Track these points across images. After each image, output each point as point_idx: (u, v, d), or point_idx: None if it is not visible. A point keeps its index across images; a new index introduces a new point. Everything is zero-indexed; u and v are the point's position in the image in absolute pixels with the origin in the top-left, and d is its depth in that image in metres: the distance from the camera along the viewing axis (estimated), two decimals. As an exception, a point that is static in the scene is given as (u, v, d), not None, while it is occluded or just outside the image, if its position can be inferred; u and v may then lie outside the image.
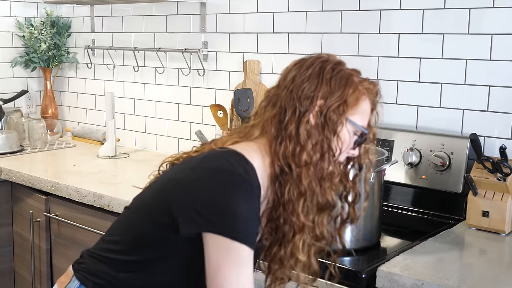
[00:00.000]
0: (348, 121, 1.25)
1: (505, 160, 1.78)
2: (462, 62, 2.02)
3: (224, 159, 1.20)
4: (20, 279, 2.67)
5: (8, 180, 2.62)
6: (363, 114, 1.28)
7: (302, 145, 1.22)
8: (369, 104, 1.29)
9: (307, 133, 1.23)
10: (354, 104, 1.26)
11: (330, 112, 1.23)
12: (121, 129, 3.15)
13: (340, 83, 1.25)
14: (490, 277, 1.50)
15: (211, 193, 1.16)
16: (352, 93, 1.25)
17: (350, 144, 1.28)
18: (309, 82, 1.25)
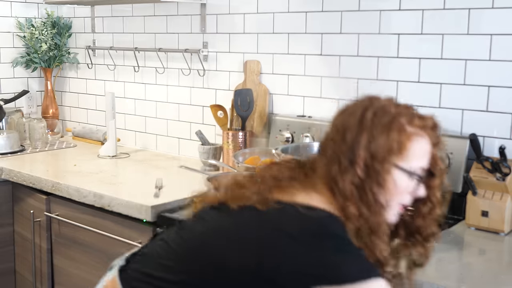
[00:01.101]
0: (397, 168, 1.19)
1: (504, 160, 1.78)
2: (462, 62, 2.02)
3: (319, 222, 1.16)
4: (21, 279, 2.67)
5: (9, 180, 2.63)
6: (418, 155, 1.21)
7: (350, 199, 1.18)
8: (425, 142, 1.22)
9: (354, 187, 1.18)
10: (403, 149, 1.19)
11: (374, 164, 1.17)
12: (122, 129, 3.15)
13: (382, 130, 1.18)
14: (489, 277, 1.51)
15: (322, 257, 1.12)
16: (398, 138, 1.18)
17: (409, 188, 1.22)
18: (351, 133, 1.20)
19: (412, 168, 1.21)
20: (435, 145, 1.24)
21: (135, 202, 2.10)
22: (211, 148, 2.62)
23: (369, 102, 1.23)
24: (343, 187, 1.18)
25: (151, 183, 2.31)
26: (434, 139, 1.24)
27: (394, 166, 1.19)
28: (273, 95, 2.56)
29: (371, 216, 1.18)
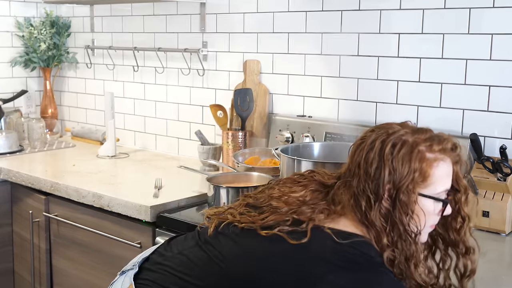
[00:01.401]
0: (423, 196, 1.21)
1: (505, 160, 1.78)
2: (462, 62, 2.01)
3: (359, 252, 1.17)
4: (19, 279, 2.67)
5: (8, 180, 2.62)
6: (441, 179, 1.22)
7: (380, 231, 1.19)
8: (447, 164, 1.23)
9: (383, 218, 1.19)
10: (426, 177, 1.20)
11: (400, 195, 1.18)
12: (121, 129, 3.14)
13: (403, 162, 1.19)
14: (490, 278, 1.50)
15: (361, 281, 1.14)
16: (420, 166, 1.19)
17: (436, 210, 1.24)
18: (373, 167, 1.21)
19: (437, 193, 1.22)
20: (455, 164, 1.26)
21: (134, 202, 2.09)
22: (210, 148, 2.61)
23: (386, 134, 1.23)
24: (374, 220, 1.19)
25: (151, 183, 2.30)
26: (454, 158, 1.25)
27: (420, 195, 1.20)
28: (273, 95, 2.55)
29: (405, 245, 1.19)
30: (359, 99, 2.28)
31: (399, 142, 1.21)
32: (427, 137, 1.23)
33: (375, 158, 1.21)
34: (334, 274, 1.14)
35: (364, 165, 1.22)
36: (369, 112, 2.25)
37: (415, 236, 1.21)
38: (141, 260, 1.40)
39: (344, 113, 2.32)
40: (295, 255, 1.19)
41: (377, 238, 1.20)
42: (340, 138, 2.19)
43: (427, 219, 1.23)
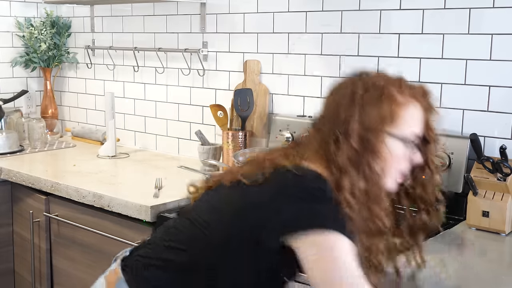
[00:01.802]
0: (390, 136, 1.22)
1: (505, 160, 1.78)
2: (462, 62, 2.02)
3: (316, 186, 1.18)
4: (20, 279, 2.67)
5: (8, 180, 2.62)
6: (410, 122, 1.24)
7: (344, 171, 1.20)
8: (417, 109, 1.25)
9: (348, 160, 1.20)
10: (395, 117, 1.22)
11: (368, 135, 1.20)
12: (121, 129, 3.14)
13: (372, 102, 1.22)
14: (490, 278, 1.50)
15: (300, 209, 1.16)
16: (389, 107, 1.22)
17: (405, 155, 1.25)
18: (344, 108, 1.23)
19: (406, 135, 1.24)
20: (427, 111, 1.27)
21: (135, 202, 2.09)
22: (211, 148, 2.61)
23: (359, 79, 1.26)
24: (340, 161, 1.20)
25: (151, 183, 2.30)
26: (425, 105, 1.27)
27: (388, 134, 1.22)
28: (273, 95, 2.55)
29: (368, 187, 1.20)
30: (359, 99, 2.28)
31: (371, 85, 1.24)
32: (398, 82, 1.26)
33: (346, 100, 1.24)
34: (290, 205, 1.16)
35: (335, 108, 1.25)
36: (369, 112, 2.24)
37: (380, 178, 1.21)
38: (134, 247, 1.42)
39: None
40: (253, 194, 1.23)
41: (340, 179, 1.20)
42: (340, 138, 2.19)
43: (395, 162, 1.23)
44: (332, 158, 1.22)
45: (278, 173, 1.22)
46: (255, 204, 1.21)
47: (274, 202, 1.19)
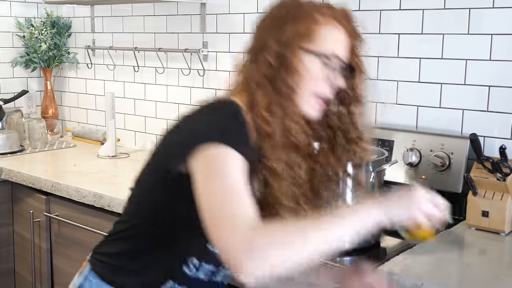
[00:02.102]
0: (306, 52, 1.22)
1: (505, 160, 1.78)
2: (462, 62, 2.02)
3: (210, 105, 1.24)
4: (20, 279, 2.67)
5: (9, 180, 2.62)
6: (329, 40, 1.23)
7: (262, 87, 1.22)
8: (337, 30, 1.25)
9: (265, 76, 1.22)
10: (311, 33, 1.22)
11: (284, 51, 1.22)
12: (121, 129, 3.15)
13: (288, 19, 1.23)
14: (490, 277, 1.50)
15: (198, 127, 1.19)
16: (305, 22, 1.23)
17: (322, 74, 1.23)
18: (264, 30, 1.27)
19: (324, 52, 1.22)
20: (351, 37, 1.26)
21: (135, 202, 2.09)
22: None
23: (281, 3, 1.28)
24: (256, 77, 1.23)
25: (151, 183, 2.30)
26: (349, 30, 1.27)
27: (303, 50, 1.21)
28: (273, 95, 2.55)
29: (284, 102, 1.21)
30: (359, 99, 2.28)
31: (292, 6, 1.26)
32: (320, 4, 1.27)
33: (267, 21, 1.27)
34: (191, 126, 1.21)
35: (258, 30, 1.28)
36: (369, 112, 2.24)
37: (295, 94, 1.21)
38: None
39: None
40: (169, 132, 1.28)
41: (256, 94, 1.22)
42: (340, 138, 2.19)
43: (311, 80, 1.22)
44: (251, 80, 1.25)
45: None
46: (169, 139, 1.27)
47: (180, 128, 1.23)
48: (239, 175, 1.10)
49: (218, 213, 1.06)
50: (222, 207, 1.06)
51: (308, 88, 1.23)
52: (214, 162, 1.11)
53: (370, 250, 1.72)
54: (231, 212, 1.05)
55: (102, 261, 1.39)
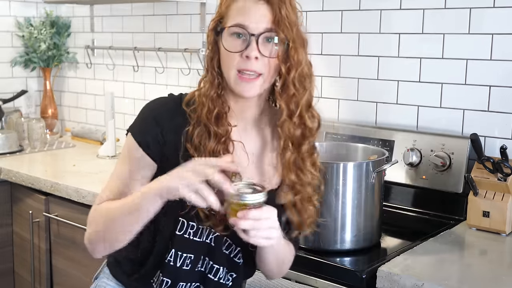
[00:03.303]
0: (220, 30, 1.27)
1: (505, 160, 1.77)
2: (463, 62, 2.01)
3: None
4: (19, 279, 2.66)
5: (8, 180, 2.62)
6: (233, 13, 1.25)
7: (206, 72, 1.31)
8: (243, 1, 1.25)
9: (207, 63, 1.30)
10: (227, 12, 1.27)
11: (210, 33, 1.30)
12: (121, 129, 3.14)
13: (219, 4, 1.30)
14: (490, 278, 1.50)
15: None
16: (222, 3, 1.28)
17: (238, 47, 1.24)
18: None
19: (229, 24, 1.25)
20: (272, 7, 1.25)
21: (135, 203, 2.09)
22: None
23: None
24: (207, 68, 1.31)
25: (151, 183, 2.30)
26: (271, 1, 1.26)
27: (215, 30, 1.28)
28: (273, 95, 2.55)
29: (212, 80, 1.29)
30: (359, 99, 2.28)
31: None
32: None
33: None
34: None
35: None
36: (369, 112, 2.24)
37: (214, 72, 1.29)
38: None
39: (344, 113, 2.32)
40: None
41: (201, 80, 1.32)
42: (340, 138, 2.19)
43: (227, 56, 1.25)
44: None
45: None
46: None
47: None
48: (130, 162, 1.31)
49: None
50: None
51: (229, 65, 1.25)
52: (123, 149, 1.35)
53: (371, 250, 1.72)
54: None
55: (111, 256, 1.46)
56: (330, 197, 1.68)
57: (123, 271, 1.41)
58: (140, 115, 1.33)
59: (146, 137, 1.29)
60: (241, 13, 1.24)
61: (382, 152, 1.82)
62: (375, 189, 1.73)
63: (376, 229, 1.76)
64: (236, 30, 1.24)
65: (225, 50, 1.25)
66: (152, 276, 1.34)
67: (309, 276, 1.61)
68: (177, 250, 1.31)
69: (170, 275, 1.32)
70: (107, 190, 1.34)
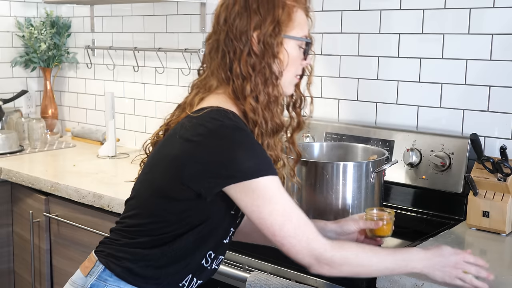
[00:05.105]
0: (287, 38, 1.32)
1: (505, 160, 1.77)
2: (463, 62, 2.01)
3: (210, 118, 1.25)
4: (19, 279, 2.67)
5: (8, 180, 2.62)
6: (301, 25, 1.35)
7: (246, 78, 1.29)
8: (303, 13, 1.36)
9: (250, 66, 1.29)
10: (289, 21, 1.32)
11: (267, 39, 1.29)
12: (121, 129, 3.14)
13: (268, 7, 1.30)
14: (490, 278, 1.50)
15: (215, 153, 1.23)
16: (283, 11, 1.31)
17: (300, 56, 1.36)
18: (240, 18, 1.30)
19: (300, 36, 1.35)
20: (308, 15, 1.38)
21: (135, 203, 2.09)
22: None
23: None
24: (240, 69, 1.29)
25: (151, 183, 2.30)
26: (306, 11, 1.38)
27: (286, 37, 1.32)
28: (273, 95, 2.55)
29: (269, 89, 1.30)
30: (359, 99, 2.28)
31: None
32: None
33: (241, 9, 1.31)
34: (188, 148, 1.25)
35: (231, 18, 1.31)
36: (369, 112, 2.25)
37: (277, 79, 1.32)
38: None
39: (344, 113, 2.32)
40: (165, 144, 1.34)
41: (243, 86, 1.29)
42: (340, 138, 2.19)
43: (290, 63, 1.34)
44: (231, 71, 1.30)
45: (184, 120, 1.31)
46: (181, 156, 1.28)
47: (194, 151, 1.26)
48: (285, 195, 1.27)
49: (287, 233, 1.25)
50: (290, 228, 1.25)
51: (291, 72, 1.35)
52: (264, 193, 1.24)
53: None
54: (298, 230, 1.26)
55: (122, 262, 1.35)
56: (330, 197, 1.68)
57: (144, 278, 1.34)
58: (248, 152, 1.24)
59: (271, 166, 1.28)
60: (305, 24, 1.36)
61: (382, 152, 1.83)
62: (375, 189, 1.73)
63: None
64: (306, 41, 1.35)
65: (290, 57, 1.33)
66: (182, 280, 1.35)
67: (309, 276, 1.61)
68: (219, 254, 1.38)
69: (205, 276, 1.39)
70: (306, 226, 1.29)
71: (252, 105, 1.29)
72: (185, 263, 1.33)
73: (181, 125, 1.30)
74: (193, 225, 1.29)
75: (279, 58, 1.31)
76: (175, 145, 1.29)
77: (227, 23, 1.31)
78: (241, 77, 1.29)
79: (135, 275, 1.32)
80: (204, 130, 1.24)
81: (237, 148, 1.22)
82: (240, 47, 1.29)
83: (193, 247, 1.32)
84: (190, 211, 1.28)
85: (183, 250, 1.31)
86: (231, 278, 1.74)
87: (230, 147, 1.22)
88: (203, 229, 1.30)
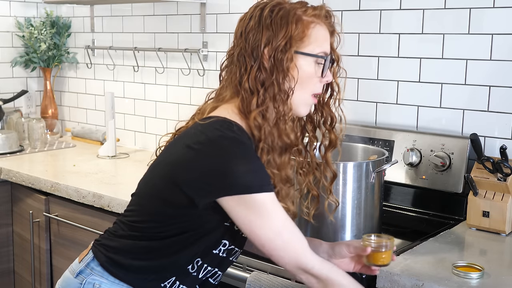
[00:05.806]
0: (300, 54, 1.28)
1: (505, 160, 1.77)
2: (463, 62, 2.01)
3: (213, 128, 1.25)
4: (20, 279, 2.67)
5: (8, 180, 2.62)
6: (319, 40, 1.31)
7: (254, 92, 1.28)
8: (323, 29, 1.33)
9: (259, 82, 1.28)
10: (303, 36, 1.29)
11: (277, 54, 1.27)
12: (121, 129, 3.14)
13: (281, 22, 1.28)
14: (490, 278, 1.50)
15: (212, 163, 1.22)
16: (296, 26, 1.28)
17: (318, 73, 1.32)
18: (253, 33, 1.30)
19: (315, 52, 1.31)
20: (331, 33, 1.36)
21: (135, 203, 2.09)
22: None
23: (263, 3, 1.32)
24: (249, 83, 1.28)
25: (151, 183, 2.30)
26: (329, 27, 1.35)
27: (297, 52, 1.29)
28: (273, 95, 2.55)
29: (278, 106, 1.28)
30: (359, 99, 2.28)
31: (277, 7, 1.30)
32: (303, 4, 1.34)
33: (255, 24, 1.30)
34: (189, 156, 1.25)
35: (245, 33, 1.31)
36: (369, 112, 2.25)
37: (287, 96, 1.29)
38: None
39: (344, 113, 2.32)
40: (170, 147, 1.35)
41: (247, 103, 1.28)
42: (340, 138, 2.19)
43: (305, 81, 1.30)
44: (241, 84, 1.29)
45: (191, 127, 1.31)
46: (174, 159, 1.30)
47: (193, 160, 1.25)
48: (279, 211, 1.26)
49: (277, 247, 1.26)
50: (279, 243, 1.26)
51: (305, 89, 1.31)
52: (258, 209, 1.23)
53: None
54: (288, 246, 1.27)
55: (108, 252, 1.38)
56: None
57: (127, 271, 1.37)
58: (244, 166, 1.23)
59: (268, 183, 1.27)
60: (325, 40, 1.33)
61: (382, 152, 1.83)
62: (375, 189, 1.73)
63: (376, 229, 1.76)
64: (323, 58, 1.32)
65: (304, 74, 1.30)
66: (165, 280, 1.35)
67: (309, 276, 1.61)
68: (207, 264, 1.36)
69: (190, 283, 1.37)
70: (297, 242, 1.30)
71: (258, 121, 1.28)
72: (169, 263, 1.33)
73: (187, 131, 1.32)
74: (183, 229, 1.30)
75: (290, 75, 1.28)
76: (178, 149, 1.30)
77: (242, 37, 1.32)
78: (249, 92, 1.28)
79: (118, 266, 1.34)
80: (204, 138, 1.25)
81: (234, 161, 1.21)
82: (251, 62, 1.29)
83: (179, 250, 1.32)
84: (182, 216, 1.29)
85: (169, 250, 1.32)
86: (231, 278, 1.74)
87: (227, 159, 1.21)
88: (192, 236, 1.30)
